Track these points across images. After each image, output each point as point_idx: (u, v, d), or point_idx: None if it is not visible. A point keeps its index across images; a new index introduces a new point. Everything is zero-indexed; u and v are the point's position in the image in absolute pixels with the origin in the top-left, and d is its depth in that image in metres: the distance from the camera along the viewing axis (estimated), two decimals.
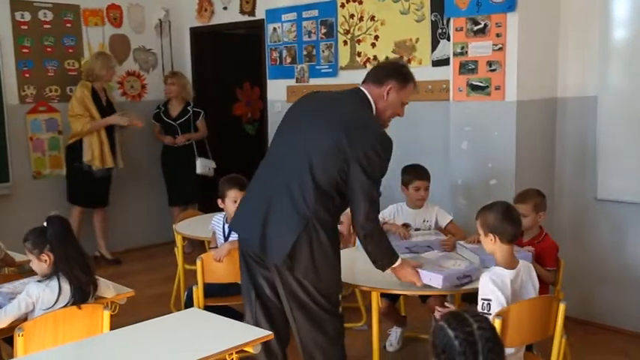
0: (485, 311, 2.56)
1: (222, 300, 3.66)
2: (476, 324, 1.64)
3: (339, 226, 2.93)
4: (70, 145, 5.47)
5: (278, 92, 5.84)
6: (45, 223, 2.72)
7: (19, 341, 2.37)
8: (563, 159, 4.17)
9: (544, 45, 4.02)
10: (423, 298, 3.68)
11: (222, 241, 3.71)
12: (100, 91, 5.50)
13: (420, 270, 2.83)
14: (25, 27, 5.46)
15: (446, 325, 1.66)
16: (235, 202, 3.67)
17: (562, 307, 2.64)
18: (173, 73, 6.09)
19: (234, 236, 3.69)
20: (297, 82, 5.67)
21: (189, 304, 3.64)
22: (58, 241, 2.66)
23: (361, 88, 2.84)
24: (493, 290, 2.56)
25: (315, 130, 2.69)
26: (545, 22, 4.01)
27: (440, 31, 4.70)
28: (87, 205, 5.58)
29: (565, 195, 4.16)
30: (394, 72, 2.90)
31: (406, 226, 3.74)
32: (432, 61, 4.77)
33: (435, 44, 4.74)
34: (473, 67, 4.00)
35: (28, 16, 5.47)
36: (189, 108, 6.00)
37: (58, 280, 2.61)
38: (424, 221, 3.74)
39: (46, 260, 2.64)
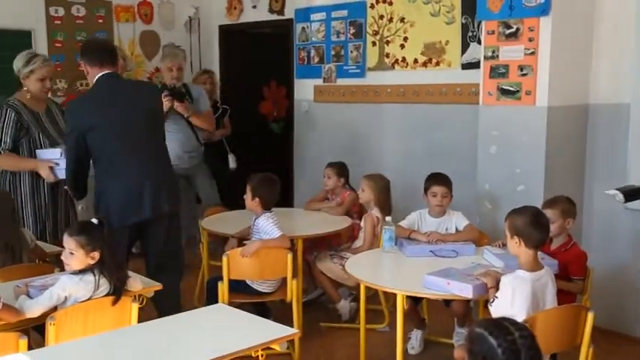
0: (490, 302, 2.65)
1: (244, 297, 3.69)
2: (517, 332, 1.63)
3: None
4: None
5: (305, 92, 5.86)
6: (95, 220, 2.72)
7: (50, 330, 2.41)
8: (594, 166, 4.12)
9: (577, 50, 3.98)
10: (447, 302, 3.67)
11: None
12: None
13: (450, 280, 2.86)
14: (59, 22, 5.55)
15: (486, 333, 1.65)
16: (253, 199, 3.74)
17: (590, 316, 2.61)
18: (207, 71, 6.11)
19: (256, 235, 3.72)
20: (324, 82, 5.68)
21: (211, 298, 3.66)
22: (112, 240, 2.71)
23: (113, 71, 3.53)
24: (505, 295, 2.60)
25: (140, 110, 3.53)
26: (578, 27, 3.97)
27: (470, 34, 4.67)
28: None
29: (595, 203, 4.11)
30: (115, 49, 3.72)
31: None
32: (462, 64, 4.74)
33: (464, 47, 4.71)
34: (504, 71, 3.97)
35: (61, 12, 5.56)
36: (218, 105, 6.05)
37: (95, 275, 2.63)
38: (446, 230, 3.74)
39: (93, 257, 2.64)
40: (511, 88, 3.95)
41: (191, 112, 4.97)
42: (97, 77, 3.50)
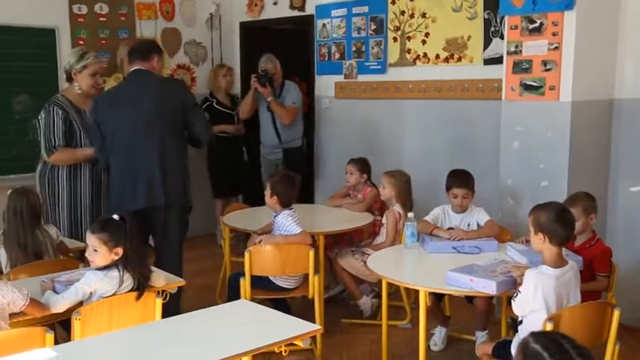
0: (513, 297, 2.66)
1: (266, 293, 3.70)
2: (574, 350, 1.58)
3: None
4: None
5: (326, 88, 5.85)
6: (117, 217, 2.74)
7: (76, 325, 2.44)
8: (618, 162, 4.06)
9: (602, 44, 3.92)
10: (469, 299, 3.66)
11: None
12: None
13: (473, 277, 2.84)
14: (82, 19, 5.60)
15: (543, 350, 1.59)
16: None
17: (617, 313, 2.58)
18: (224, 66, 6.14)
19: (277, 232, 3.73)
20: (345, 78, 5.67)
21: (233, 294, 3.68)
22: (135, 236, 2.71)
23: (140, 67, 3.71)
24: (528, 289, 2.59)
25: (153, 109, 3.63)
26: (603, 20, 3.91)
27: (493, 29, 4.63)
28: None
29: (619, 198, 4.06)
30: (153, 48, 3.84)
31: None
32: (484, 60, 4.71)
33: (487, 42, 4.67)
34: (527, 66, 3.93)
35: (84, 9, 5.61)
36: (237, 100, 6.08)
37: (119, 271, 2.66)
38: (468, 225, 3.72)
39: (117, 253, 2.66)
40: (534, 84, 3.91)
41: (271, 98, 5.44)
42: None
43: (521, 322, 2.72)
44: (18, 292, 2.44)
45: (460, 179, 3.75)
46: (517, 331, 2.76)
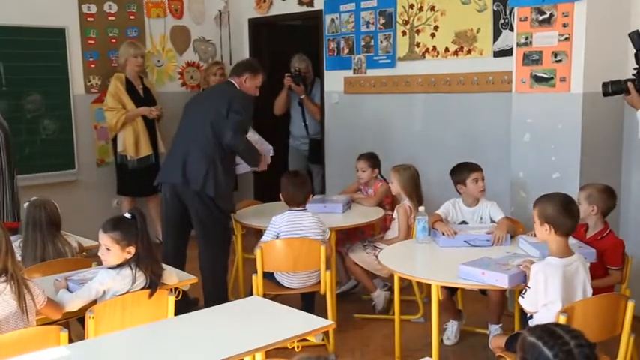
0: (522, 294, 2.65)
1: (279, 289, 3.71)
2: (573, 341, 1.57)
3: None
4: (113, 139, 5.57)
5: (335, 83, 5.84)
6: (128, 215, 2.75)
7: (89, 323, 2.46)
8: (631, 153, 4.03)
9: (613, 35, 3.88)
10: (483, 290, 3.65)
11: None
12: (135, 81, 5.51)
13: (485, 270, 2.84)
14: (92, 19, 5.62)
15: (540, 342, 1.58)
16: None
17: (630, 305, 2.57)
18: (217, 64, 6.10)
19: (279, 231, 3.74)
20: (354, 73, 5.66)
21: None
22: (146, 234, 2.72)
23: (230, 79, 4.28)
24: (537, 283, 2.58)
25: (208, 106, 4.12)
26: (614, 11, 3.88)
27: (502, 21, 4.60)
28: (135, 195, 5.61)
29: (632, 190, 4.03)
30: (248, 66, 4.29)
31: (464, 224, 3.70)
32: (494, 52, 4.68)
33: (496, 35, 4.65)
34: (537, 57, 3.91)
35: (94, 8, 5.63)
36: None
37: (132, 269, 2.67)
38: (481, 219, 3.71)
39: (129, 252, 2.68)
40: (545, 75, 3.89)
41: (304, 95, 5.90)
42: None
43: (530, 317, 2.72)
44: (38, 290, 2.47)
45: (472, 165, 3.78)
46: (527, 325, 2.75)
